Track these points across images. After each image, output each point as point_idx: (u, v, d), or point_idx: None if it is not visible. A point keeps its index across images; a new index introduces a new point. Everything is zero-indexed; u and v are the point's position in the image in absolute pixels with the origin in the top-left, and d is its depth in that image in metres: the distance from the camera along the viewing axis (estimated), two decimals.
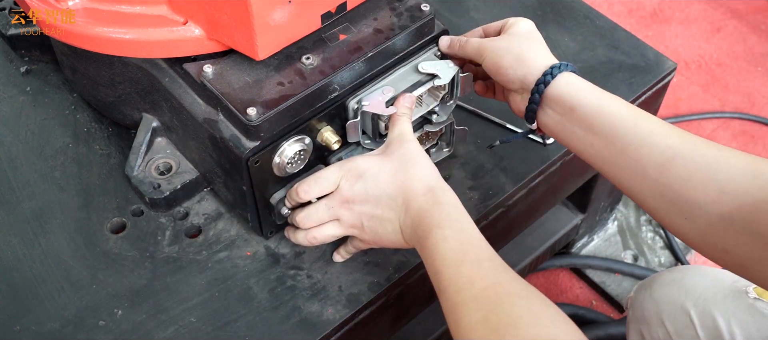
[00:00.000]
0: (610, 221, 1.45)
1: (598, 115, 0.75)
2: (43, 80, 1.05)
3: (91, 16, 0.81)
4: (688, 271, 0.98)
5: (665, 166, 0.70)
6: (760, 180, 0.65)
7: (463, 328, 0.66)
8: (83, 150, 0.97)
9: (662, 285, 0.98)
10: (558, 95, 0.77)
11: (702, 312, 0.90)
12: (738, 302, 0.88)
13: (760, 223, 0.64)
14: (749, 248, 0.65)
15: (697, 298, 0.91)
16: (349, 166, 0.78)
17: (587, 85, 0.77)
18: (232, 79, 0.79)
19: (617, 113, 0.74)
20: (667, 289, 0.96)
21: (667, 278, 0.98)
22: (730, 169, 0.67)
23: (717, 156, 0.68)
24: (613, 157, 0.74)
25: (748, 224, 0.64)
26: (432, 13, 0.86)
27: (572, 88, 0.77)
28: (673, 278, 0.97)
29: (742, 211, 0.65)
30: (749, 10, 1.95)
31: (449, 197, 0.75)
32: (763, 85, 1.78)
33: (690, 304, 0.91)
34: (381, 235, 0.78)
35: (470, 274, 0.68)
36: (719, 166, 0.67)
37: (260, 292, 0.84)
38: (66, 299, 0.83)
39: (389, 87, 0.83)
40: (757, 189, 0.65)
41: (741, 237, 0.65)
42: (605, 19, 1.17)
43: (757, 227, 0.64)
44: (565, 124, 0.78)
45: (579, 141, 0.77)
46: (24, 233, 0.89)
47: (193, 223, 0.90)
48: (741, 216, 0.65)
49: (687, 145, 0.70)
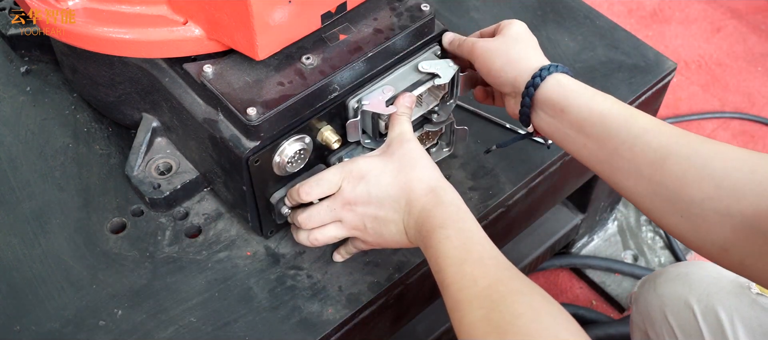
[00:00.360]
0: (610, 221, 1.45)
1: (588, 116, 0.75)
2: (43, 80, 1.05)
3: (91, 16, 0.81)
4: (692, 266, 0.98)
5: (659, 165, 0.69)
6: (758, 175, 0.65)
7: (466, 326, 0.66)
8: (83, 150, 0.97)
9: (666, 280, 0.97)
10: (548, 98, 0.77)
11: (705, 307, 0.90)
12: (741, 297, 0.88)
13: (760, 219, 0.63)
14: (749, 246, 0.64)
15: (700, 293, 0.91)
16: (350, 167, 0.78)
17: (578, 86, 0.77)
18: (232, 79, 0.79)
19: (608, 113, 0.74)
20: (671, 284, 0.96)
21: (672, 273, 0.98)
22: (726, 165, 0.66)
23: (712, 152, 0.68)
24: (607, 158, 0.74)
25: (748, 220, 0.64)
26: (432, 13, 0.86)
27: (562, 90, 0.76)
28: (678, 273, 0.97)
29: (741, 206, 0.64)
30: (749, 10, 1.95)
31: (451, 197, 0.76)
32: (763, 85, 1.78)
33: (693, 299, 0.91)
34: (384, 236, 0.78)
35: (472, 272, 0.68)
36: (715, 162, 0.67)
37: (260, 292, 0.84)
38: (66, 299, 0.83)
39: (389, 86, 0.83)
40: (756, 184, 0.64)
41: (740, 234, 0.64)
42: (605, 19, 1.17)
43: (758, 224, 0.63)
44: (558, 127, 0.78)
45: (572, 143, 0.77)
46: (24, 233, 0.89)
47: (193, 223, 0.90)
48: (739, 212, 0.64)
49: (681, 143, 0.69)
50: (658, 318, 0.95)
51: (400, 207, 0.76)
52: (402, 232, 0.77)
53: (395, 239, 0.78)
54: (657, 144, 0.70)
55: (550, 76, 0.77)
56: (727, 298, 0.89)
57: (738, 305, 0.88)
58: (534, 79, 0.77)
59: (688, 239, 0.69)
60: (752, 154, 0.67)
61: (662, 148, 0.70)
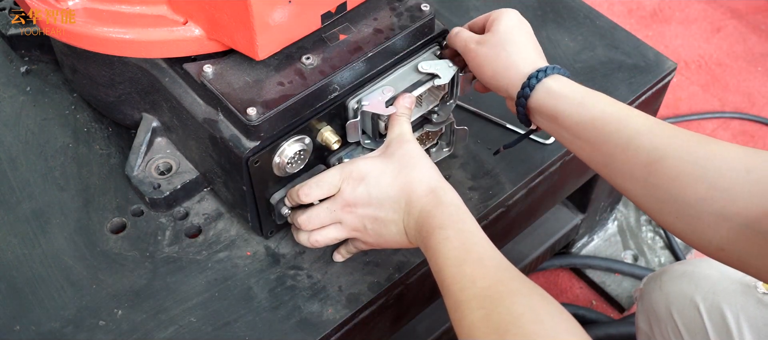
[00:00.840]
0: (610, 221, 1.45)
1: (580, 121, 0.74)
2: (43, 80, 1.05)
3: (91, 16, 0.81)
4: (698, 264, 0.97)
5: (653, 167, 0.69)
6: (754, 174, 0.64)
7: (466, 326, 0.66)
8: (83, 150, 0.97)
9: (672, 278, 0.97)
10: (539, 106, 0.77)
11: (711, 306, 0.90)
12: (747, 296, 0.88)
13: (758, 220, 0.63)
14: (748, 246, 0.64)
15: (706, 291, 0.91)
16: (350, 169, 0.78)
17: (568, 90, 0.76)
18: (232, 79, 0.79)
19: (600, 117, 0.73)
20: (677, 282, 0.96)
21: (677, 270, 0.98)
22: (721, 165, 0.66)
23: (708, 152, 0.67)
24: (603, 160, 0.74)
25: (744, 221, 0.63)
26: (432, 13, 0.86)
27: (552, 98, 0.76)
28: (683, 271, 0.97)
29: (737, 208, 0.64)
30: (749, 10, 1.95)
31: (451, 197, 0.76)
32: (763, 85, 1.78)
33: (699, 297, 0.91)
34: (385, 237, 0.78)
35: (472, 273, 0.68)
36: (709, 162, 0.66)
37: (260, 292, 0.84)
38: (66, 299, 0.83)
39: (389, 87, 0.83)
40: (752, 184, 0.63)
41: (737, 234, 0.64)
42: (605, 19, 1.17)
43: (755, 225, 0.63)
44: (555, 130, 0.78)
45: (570, 144, 0.77)
46: (24, 233, 0.89)
47: (193, 223, 0.90)
48: (735, 213, 0.64)
49: (675, 144, 0.69)
50: (664, 316, 0.95)
51: (400, 208, 0.76)
52: (402, 232, 0.77)
53: (395, 240, 0.78)
54: (650, 146, 0.70)
55: (539, 85, 0.76)
56: (733, 297, 0.89)
57: (744, 304, 0.88)
58: (523, 90, 0.77)
59: (687, 238, 0.69)
60: (749, 152, 0.66)
61: (655, 150, 0.69)
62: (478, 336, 0.64)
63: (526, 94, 0.77)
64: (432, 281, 0.73)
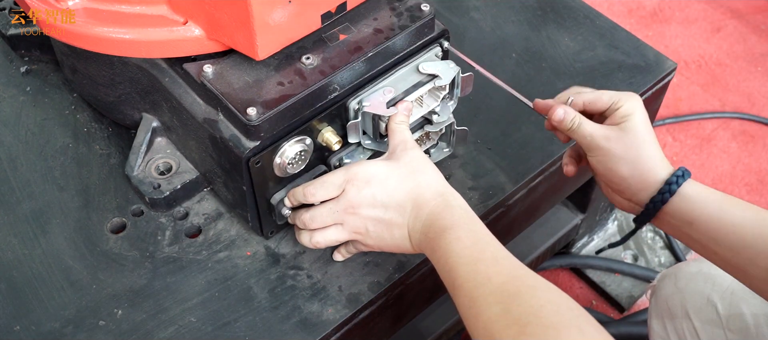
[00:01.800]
0: (610, 221, 1.45)
1: (720, 227, 0.72)
2: (43, 80, 1.05)
3: (91, 16, 0.81)
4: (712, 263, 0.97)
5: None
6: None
7: (483, 322, 0.65)
8: (83, 150, 0.97)
9: (687, 276, 0.96)
10: (675, 211, 0.74)
11: (729, 306, 0.89)
12: None
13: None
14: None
15: (724, 291, 0.90)
16: (355, 171, 0.78)
17: (706, 196, 0.74)
18: (232, 79, 0.79)
19: (741, 223, 0.71)
20: (693, 281, 0.94)
21: (693, 268, 0.97)
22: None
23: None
24: (742, 265, 0.72)
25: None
26: (432, 13, 0.86)
27: (689, 204, 0.74)
28: (700, 268, 0.96)
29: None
30: (749, 10, 1.95)
31: (460, 202, 0.76)
32: (763, 85, 1.78)
33: (716, 297, 0.90)
34: (386, 240, 0.78)
35: (487, 270, 0.68)
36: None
37: (260, 292, 0.84)
38: (66, 299, 0.83)
39: (390, 87, 0.83)
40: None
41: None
42: (605, 19, 1.17)
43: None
44: (683, 233, 0.75)
45: (700, 248, 0.75)
46: (24, 233, 0.89)
47: (193, 223, 0.90)
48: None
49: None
50: (679, 313, 0.94)
51: (406, 212, 0.76)
52: (405, 237, 0.77)
53: (396, 244, 0.78)
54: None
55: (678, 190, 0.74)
56: (752, 297, 0.88)
57: (762, 305, 0.87)
58: (662, 195, 0.74)
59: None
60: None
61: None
62: (497, 330, 0.64)
63: (666, 199, 0.74)
64: (432, 281, 0.73)
